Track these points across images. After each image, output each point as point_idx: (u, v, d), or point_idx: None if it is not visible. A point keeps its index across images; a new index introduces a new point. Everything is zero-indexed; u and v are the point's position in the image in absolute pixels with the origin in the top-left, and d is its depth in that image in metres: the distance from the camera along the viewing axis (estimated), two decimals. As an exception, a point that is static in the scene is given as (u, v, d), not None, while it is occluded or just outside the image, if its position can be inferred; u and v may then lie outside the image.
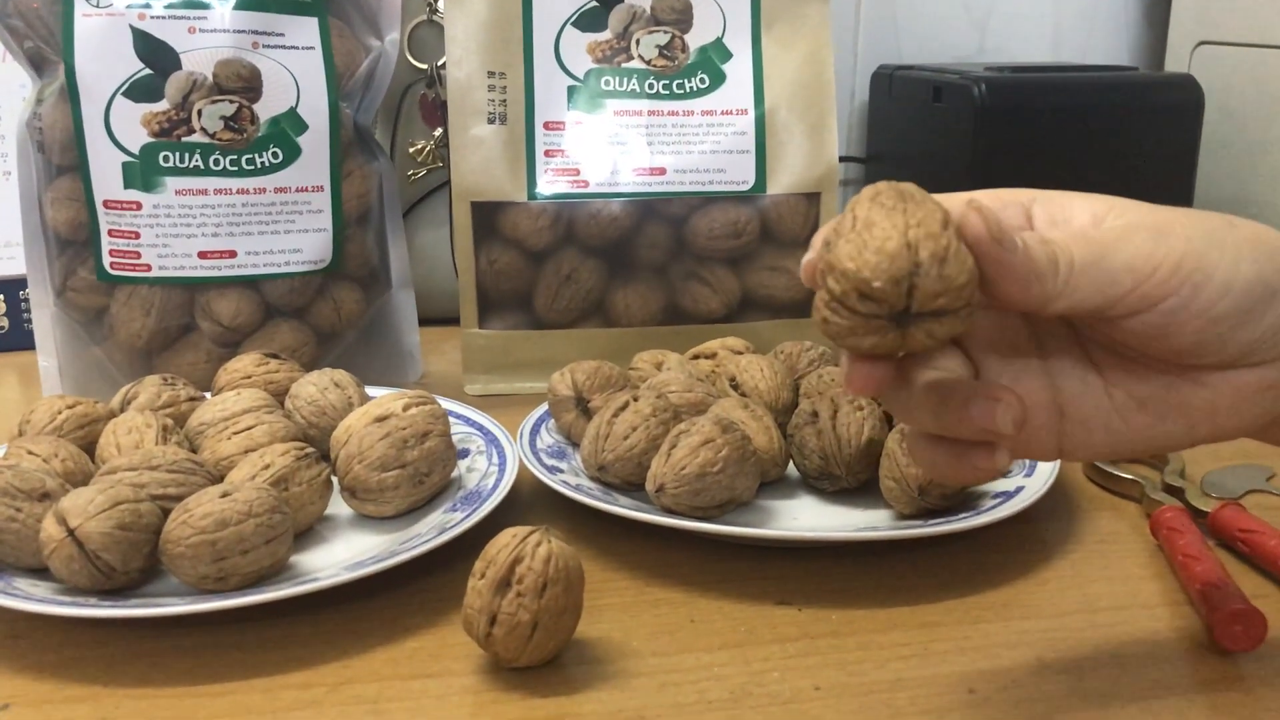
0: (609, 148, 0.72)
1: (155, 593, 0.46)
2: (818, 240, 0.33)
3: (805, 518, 0.53)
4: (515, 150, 0.71)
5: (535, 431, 0.59)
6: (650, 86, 0.72)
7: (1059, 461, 0.55)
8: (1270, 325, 0.33)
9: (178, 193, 0.66)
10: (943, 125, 0.89)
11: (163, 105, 0.65)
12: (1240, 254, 0.33)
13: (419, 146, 0.87)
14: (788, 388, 0.59)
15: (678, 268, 0.73)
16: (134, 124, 0.65)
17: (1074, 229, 0.34)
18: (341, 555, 0.49)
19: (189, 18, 0.65)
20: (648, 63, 0.72)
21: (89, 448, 0.53)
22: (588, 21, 0.72)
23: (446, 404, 0.61)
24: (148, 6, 0.65)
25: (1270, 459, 0.60)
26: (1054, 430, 0.36)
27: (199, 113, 0.66)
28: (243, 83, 0.66)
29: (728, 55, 0.73)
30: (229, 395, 0.56)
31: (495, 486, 0.53)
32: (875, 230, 0.30)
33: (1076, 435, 0.36)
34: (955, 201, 0.35)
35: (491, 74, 0.71)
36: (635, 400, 0.54)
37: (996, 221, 0.30)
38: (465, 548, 0.47)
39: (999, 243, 0.30)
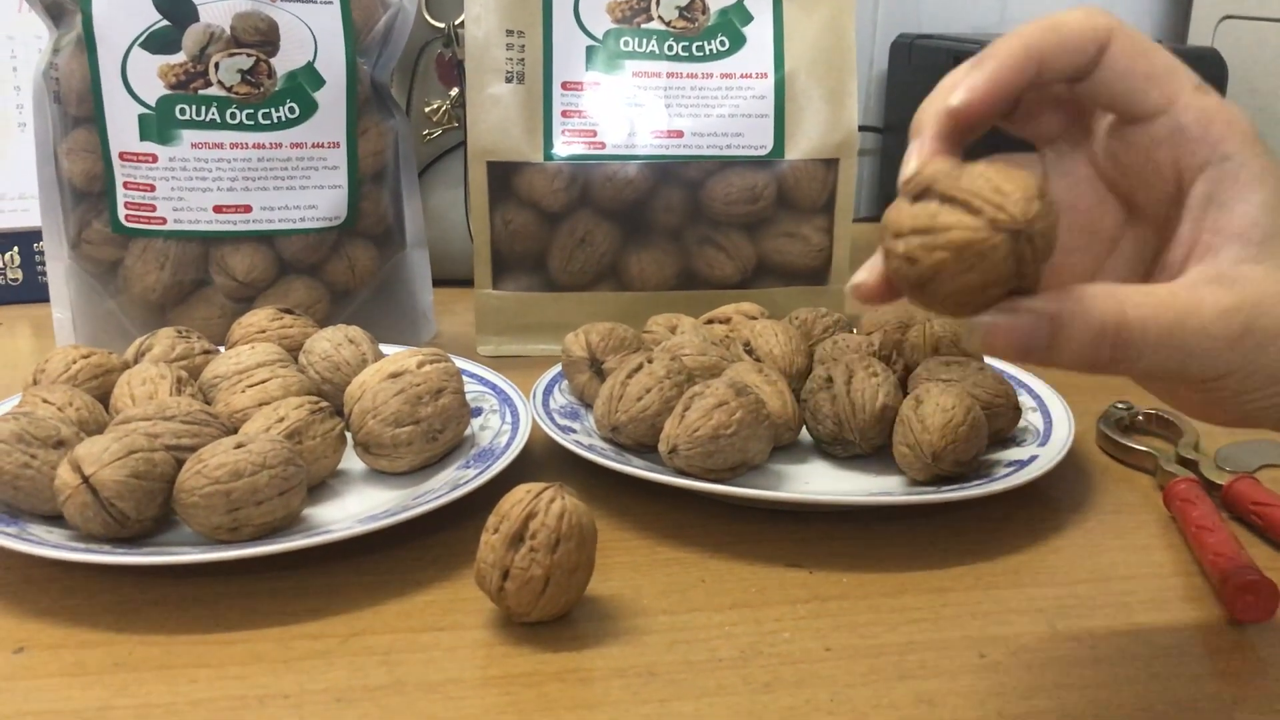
0: (627, 109, 0.71)
1: (169, 541, 0.46)
2: (910, 171, 0.33)
3: (817, 482, 0.53)
4: (532, 110, 0.71)
5: (548, 392, 0.59)
6: (669, 48, 0.71)
7: (1072, 433, 0.55)
8: None
9: (194, 146, 0.65)
10: (962, 95, 0.88)
11: (180, 57, 0.65)
12: None
13: (435, 106, 0.86)
14: (802, 353, 0.58)
15: (693, 232, 0.73)
16: (151, 76, 0.65)
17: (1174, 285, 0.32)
18: (354, 509, 0.49)
19: (207, -31, 0.65)
20: (667, 24, 0.71)
21: (103, 398, 0.54)
22: (608, -19, 0.71)
23: (460, 363, 0.61)
24: (166, -43, 0.64)
25: (1285, 434, 0.60)
26: None
27: (216, 66, 0.65)
28: (260, 36, 0.66)
29: (748, 18, 0.72)
30: (243, 349, 0.56)
31: (508, 445, 0.53)
32: (1009, 181, 0.30)
33: None
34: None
35: (510, 32, 0.70)
36: (649, 362, 0.54)
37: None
38: (478, 505, 0.47)
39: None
